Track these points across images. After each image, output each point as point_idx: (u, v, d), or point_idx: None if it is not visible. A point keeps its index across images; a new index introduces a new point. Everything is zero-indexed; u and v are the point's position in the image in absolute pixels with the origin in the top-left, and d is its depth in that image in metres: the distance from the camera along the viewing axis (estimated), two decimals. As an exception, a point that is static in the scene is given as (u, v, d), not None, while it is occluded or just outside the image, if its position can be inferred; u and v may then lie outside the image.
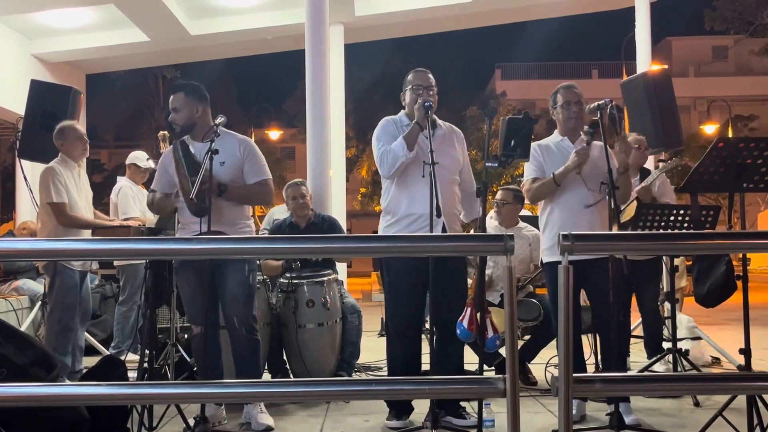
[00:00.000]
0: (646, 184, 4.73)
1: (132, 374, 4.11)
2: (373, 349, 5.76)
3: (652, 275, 4.92)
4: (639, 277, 4.74)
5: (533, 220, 5.86)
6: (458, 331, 3.38)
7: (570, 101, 4.00)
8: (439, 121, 3.99)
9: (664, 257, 5.02)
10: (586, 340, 4.19)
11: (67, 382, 4.65)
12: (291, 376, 4.80)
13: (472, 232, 5.15)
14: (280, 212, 5.83)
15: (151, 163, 6.22)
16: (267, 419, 3.83)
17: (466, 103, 21.94)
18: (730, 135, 21.05)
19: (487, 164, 3.50)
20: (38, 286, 6.52)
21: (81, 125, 5.02)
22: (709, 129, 21.92)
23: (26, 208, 7.79)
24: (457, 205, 3.94)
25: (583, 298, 4.40)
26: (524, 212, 6.85)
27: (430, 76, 3.94)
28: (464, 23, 9.70)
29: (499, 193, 5.20)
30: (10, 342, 3.19)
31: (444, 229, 3.73)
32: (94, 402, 2.75)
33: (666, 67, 6.20)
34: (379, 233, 3.98)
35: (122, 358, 5.21)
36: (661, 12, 8.92)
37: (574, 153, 3.84)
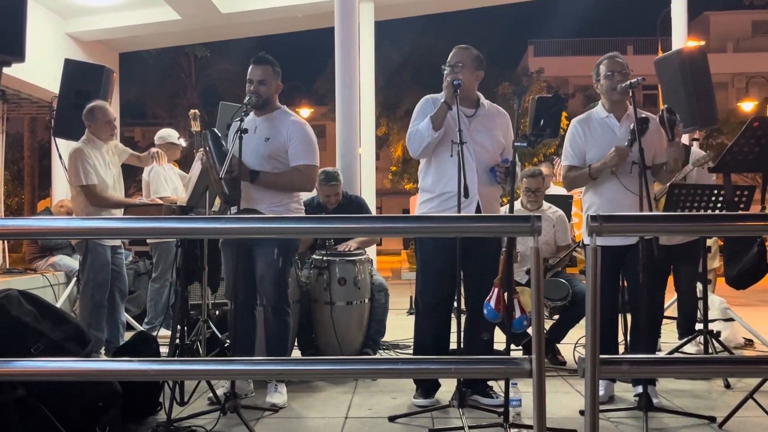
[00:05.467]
0: (676, 179, 4.65)
1: (164, 350, 4.19)
2: (401, 327, 5.79)
3: (690, 255, 4.80)
4: (676, 257, 4.68)
5: (559, 200, 5.82)
6: (485, 311, 3.37)
7: (614, 71, 3.83)
8: (484, 101, 3.89)
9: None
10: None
11: (102, 357, 4.77)
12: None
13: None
14: None
15: (181, 141, 6.28)
16: (277, 398, 3.88)
17: (498, 81, 21.71)
18: (768, 113, 20.58)
19: (516, 144, 3.46)
20: (74, 263, 6.65)
21: (113, 108, 5.08)
22: (747, 106, 21.39)
23: (62, 186, 7.94)
24: (495, 186, 3.84)
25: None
26: (558, 190, 6.79)
27: (463, 52, 3.81)
28: (497, -2, 9.57)
29: (532, 181, 5.12)
30: (45, 318, 3.26)
31: (478, 210, 3.70)
32: (127, 377, 2.82)
33: (703, 43, 6.06)
34: (416, 209, 3.97)
35: (155, 333, 5.33)
36: (698, -14, 8.70)
37: (614, 151, 3.70)
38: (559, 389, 4.19)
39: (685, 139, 5.94)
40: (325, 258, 4.75)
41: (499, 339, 4.27)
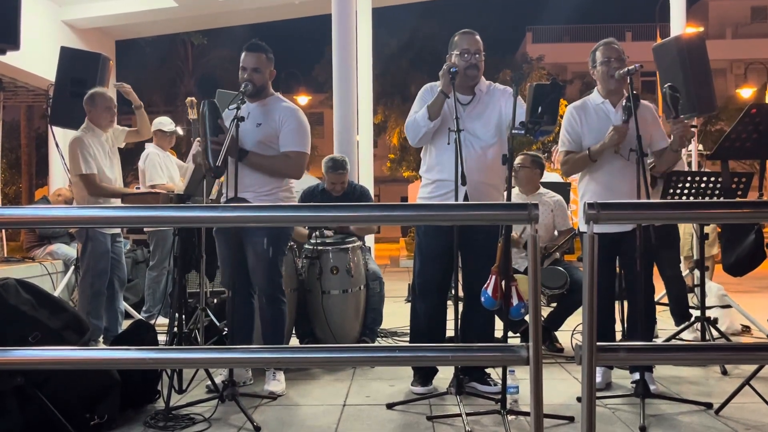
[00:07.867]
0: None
1: (162, 338, 4.19)
2: (400, 315, 5.79)
3: (667, 241, 4.79)
4: (654, 244, 4.67)
5: (558, 187, 5.81)
6: (483, 299, 3.38)
7: (610, 57, 3.80)
8: (483, 86, 3.84)
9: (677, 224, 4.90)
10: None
11: (101, 345, 4.78)
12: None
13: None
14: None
15: (178, 129, 6.26)
16: (275, 386, 3.89)
17: (497, 67, 21.63)
18: (767, 99, 20.52)
19: (513, 131, 3.44)
20: (72, 251, 6.65)
21: (112, 93, 5.04)
22: (746, 93, 21.33)
23: (59, 174, 7.92)
24: (496, 172, 3.80)
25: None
26: (553, 177, 6.80)
27: (456, 39, 3.81)
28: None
29: (518, 158, 5.13)
30: (43, 306, 3.27)
31: (466, 199, 3.64)
32: (125, 366, 2.82)
33: (701, 30, 6.03)
34: (418, 194, 3.96)
35: (153, 322, 5.33)
36: (697, -28, 8.65)
37: (612, 129, 3.67)
38: (557, 376, 4.21)
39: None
40: (316, 247, 4.74)
41: (497, 326, 4.29)
